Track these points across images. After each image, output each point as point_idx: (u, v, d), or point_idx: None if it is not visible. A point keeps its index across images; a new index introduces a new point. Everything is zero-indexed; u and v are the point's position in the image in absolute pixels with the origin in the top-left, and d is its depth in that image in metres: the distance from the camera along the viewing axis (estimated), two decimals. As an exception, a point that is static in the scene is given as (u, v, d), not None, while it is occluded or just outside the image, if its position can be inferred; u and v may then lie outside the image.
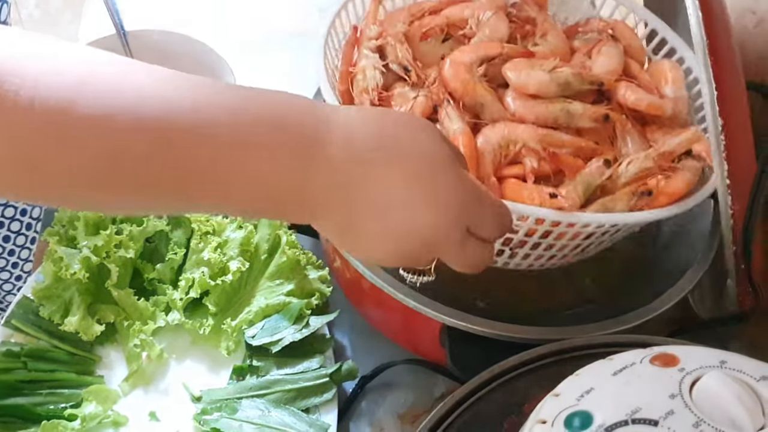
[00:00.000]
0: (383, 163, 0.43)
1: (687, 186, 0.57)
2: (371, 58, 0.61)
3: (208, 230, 0.69)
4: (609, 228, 0.56)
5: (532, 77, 0.59)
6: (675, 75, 0.64)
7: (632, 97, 0.61)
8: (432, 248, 0.45)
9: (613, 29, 0.67)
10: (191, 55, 0.87)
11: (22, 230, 0.91)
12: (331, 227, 0.44)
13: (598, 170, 0.56)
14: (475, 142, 0.57)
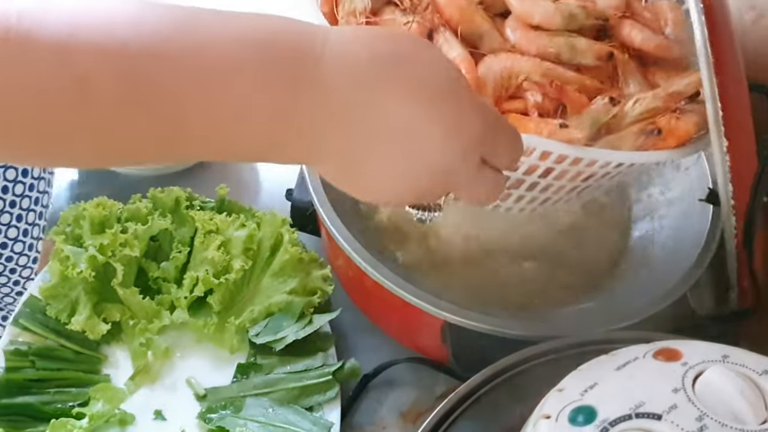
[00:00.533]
0: (389, 88, 0.38)
1: (696, 128, 0.54)
2: None
3: (212, 229, 0.69)
4: (611, 170, 0.53)
5: (538, 5, 0.56)
6: (675, 16, 0.61)
7: (639, 37, 0.58)
8: (447, 182, 0.41)
9: None
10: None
11: (20, 236, 0.92)
12: (332, 165, 0.40)
13: (605, 107, 0.53)
14: (473, 68, 0.54)
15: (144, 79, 0.34)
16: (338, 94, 0.37)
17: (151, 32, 0.34)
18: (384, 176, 0.40)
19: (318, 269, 0.70)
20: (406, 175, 0.40)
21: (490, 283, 0.68)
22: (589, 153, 0.51)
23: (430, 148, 0.39)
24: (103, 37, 0.34)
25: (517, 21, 0.57)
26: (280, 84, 0.36)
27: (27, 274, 0.92)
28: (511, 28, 0.57)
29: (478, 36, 0.56)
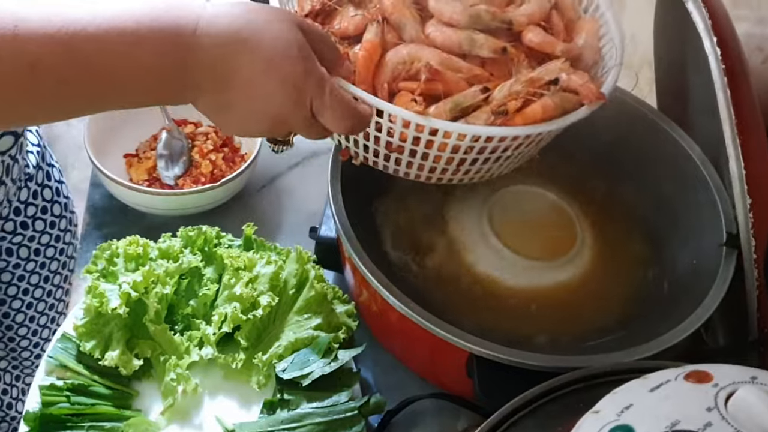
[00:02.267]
0: (245, 51, 0.52)
1: (544, 111, 0.63)
2: None
3: (240, 266, 0.71)
4: (473, 143, 0.62)
5: (448, 5, 0.67)
6: (590, 27, 0.71)
7: (529, 36, 0.68)
8: (285, 124, 0.55)
9: None
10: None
11: (59, 269, 0.94)
12: (207, 107, 0.54)
13: (472, 94, 0.63)
14: (376, 51, 0.65)
15: (81, 58, 0.48)
16: (208, 54, 0.51)
17: (76, 18, 0.47)
18: (239, 116, 0.54)
19: (342, 305, 0.71)
20: (254, 116, 0.54)
21: (509, 320, 0.70)
22: (427, 121, 0.60)
23: (268, 97, 0.53)
24: (46, 26, 0.46)
25: (435, 18, 0.67)
26: (169, 51, 0.50)
27: (62, 308, 0.94)
28: (430, 23, 0.67)
29: (403, 25, 0.67)
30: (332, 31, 0.70)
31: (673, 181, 0.77)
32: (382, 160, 0.68)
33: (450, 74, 0.65)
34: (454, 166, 0.67)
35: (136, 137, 0.90)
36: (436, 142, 0.63)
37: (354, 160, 0.70)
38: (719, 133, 0.72)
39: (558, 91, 0.64)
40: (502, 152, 0.65)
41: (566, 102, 0.65)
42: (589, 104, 0.64)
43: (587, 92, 0.64)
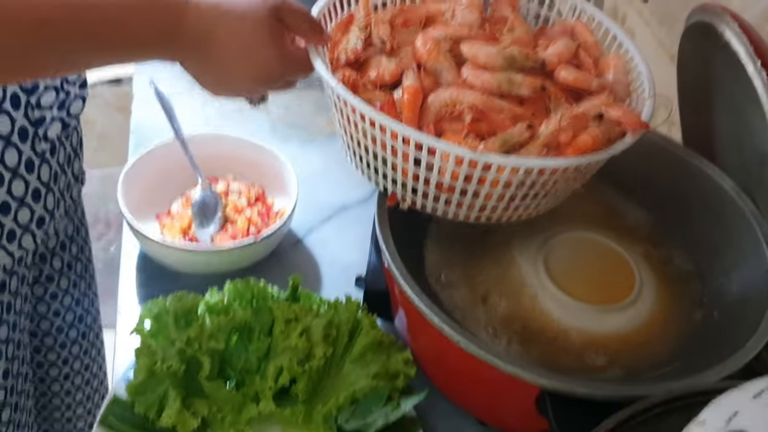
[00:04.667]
0: (224, 30, 0.63)
1: (593, 141, 0.64)
2: (357, 32, 0.73)
3: (291, 317, 0.71)
4: (525, 176, 0.63)
5: (482, 49, 0.70)
6: (617, 63, 0.74)
7: (563, 73, 0.70)
8: (258, 92, 0.77)
9: (572, 29, 0.77)
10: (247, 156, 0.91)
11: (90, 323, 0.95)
12: (190, 69, 0.66)
13: (519, 130, 0.64)
14: (419, 94, 0.67)
15: (84, 22, 0.57)
16: (193, 26, 0.62)
17: None
18: (217, 82, 0.68)
19: (398, 352, 0.71)
20: (230, 85, 0.68)
21: (566, 359, 0.70)
22: (483, 156, 0.62)
23: (243, 74, 0.66)
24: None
25: (470, 63, 0.69)
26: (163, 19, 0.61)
27: None
28: (465, 68, 0.69)
29: (439, 71, 0.70)
30: (368, 80, 0.72)
31: (708, 214, 0.78)
32: (431, 202, 0.69)
33: (494, 114, 0.66)
34: (504, 203, 0.67)
35: (168, 198, 0.90)
36: (489, 178, 0.64)
37: (401, 205, 0.70)
38: (748, 163, 0.75)
39: (602, 124, 0.66)
40: (552, 185, 0.66)
41: (611, 132, 0.66)
42: (633, 133, 0.66)
43: (630, 122, 0.66)
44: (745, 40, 0.60)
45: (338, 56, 0.73)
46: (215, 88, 0.68)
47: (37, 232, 0.78)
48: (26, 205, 0.76)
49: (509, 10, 0.77)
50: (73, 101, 0.82)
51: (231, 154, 0.91)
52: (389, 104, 0.67)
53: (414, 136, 0.63)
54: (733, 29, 0.61)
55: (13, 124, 0.73)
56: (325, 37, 0.71)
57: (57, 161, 0.81)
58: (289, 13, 0.67)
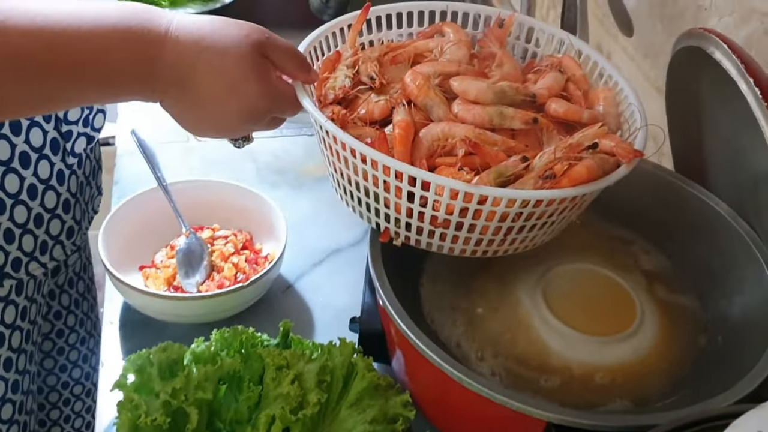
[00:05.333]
0: (206, 64, 0.60)
1: (588, 172, 0.63)
2: (345, 69, 0.72)
3: (282, 363, 0.67)
4: (521, 209, 0.62)
5: (472, 84, 0.69)
6: (606, 95, 0.74)
7: (553, 106, 0.70)
8: (243, 131, 0.68)
9: (560, 63, 0.77)
10: (235, 200, 0.89)
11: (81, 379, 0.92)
12: (170, 107, 0.63)
13: (513, 163, 0.63)
14: (411, 129, 0.66)
15: (60, 53, 0.55)
16: (173, 59, 0.59)
17: (57, 20, 0.55)
18: (198, 121, 0.64)
19: (396, 395, 0.67)
20: (211, 123, 0.65)
21: (569, 393, 0.67)
22: (478, 189, 0.60)
23: (226, 112, 0.63)
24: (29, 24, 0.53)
25: (461, 98, 0.69)
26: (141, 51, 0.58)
27: None
28: (456, 103, 0.69)
29: (430, 107, 0.69)
30: (358, 116, 0.71)
31: (705, 239, 0.76)
32: (426, 238, 0.67)
33: (487, 146, 0.65)
34: (500, 236, 0.66)
35: (152, 248, 0.87)
36: (484, 211, 0.62)
37: (395, 241, 0.68)
38: (742, 185, 0.74)
39: (596, 154, 0.65)
40: (548, 217, 0.65)
41: (605, 163, 0.65)
42: (627, 163, 0.65)
43: (624, 151, 0.65)
44: (735, 59, 0.59)
45: (326, 93, 0.72)
46: (197, 127, 0.66)
47: (66, 242, 0.82)
48: (57, 216, 0.79)
49: (497, 46, 0.77)
50: (96, 115, 0.85)
51: (216, 200, 0.89)
52: (380, 139, 0.65)
53: (407, 170, 0.61)
54: (723, 50, 0.61)
55: (45, 137, 0.75)
56: (313, 75, 0.70)
57: (84, 173, 0.85)
58: (274, 49, 0.65)
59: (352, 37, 0.77)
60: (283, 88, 0.67)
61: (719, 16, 0.81)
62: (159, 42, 0.59)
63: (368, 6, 0.78)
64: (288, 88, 0.68)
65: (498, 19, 0.80)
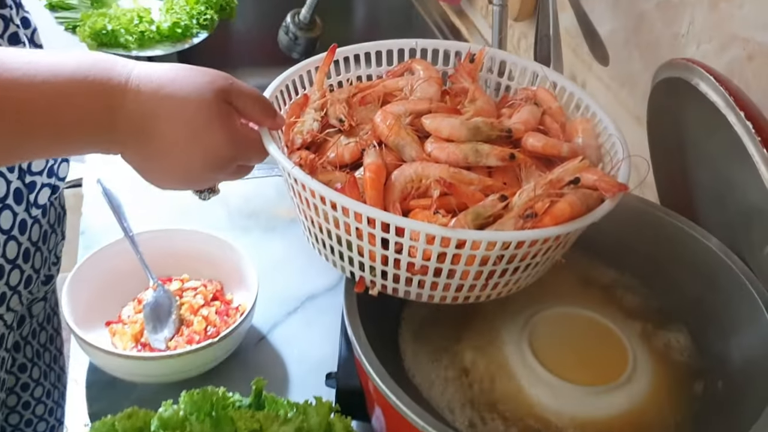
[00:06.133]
0: (168, 113, 0.58)
1: (571, 208, 0.60)
2: (312, 113, 0.70)
3: (254, 427, 0.63)
4: (503, 251, 0.59)
5: (445, 122, 0.67)
6: (585, 126, 0.71)
7: (530, 140, 0.67)
8: (209, 182, 0.65)
9: (535, 95, 0.74)
10: (203, 249, 0.85)
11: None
12: (132, 159, 0.60)
13: (491, 203, 0.60)
14: (382, 172, 0.63)
15: (15, 104, 0.53)
16: (134, 109, 0.57)
17: (12, 68, 0.53)
18: (162, 173, 0.61)
19: (378, 455, 0.63)
20: (176, 175, 0.61)
21: None
22: (454, 233, 0.57)
23: (190, 162, 0.60)
24: None
25: (434, 136, 0.66)
26: (100, 102, 0.56)
27: None
28: (429, 142, 0.66)
29: (402, 146, 0.66)
30: (327, 160, 0.68)
31: (697, 277, 0.73)
32: (403, 285, 0.63)
33: (463, 186, 0.62)
34: (482, 280, 0.62)
35: (119, 303, 0.83)
36: (464, 255, 0.59)
37: (371, 291, 0.65)
38: (733, 220, 0.71)
39: (578, 189, 0.62)
40: (531, 258, 0.61)
41: (588, 199, 0.62)
42: (611, 197, 0.62)
43: (607, 186, 0.62)
44: (722, 90, 0.57)
45: (293, 138, 0.69)
46: (160, 179, 0.63)
47: (23, 292, 0.79)
48: (17, 266, 0.77)
49: (469, 81, 0.75)
50: (61, 165, 0.82)
51: (185, 249, 0.85)
52: (351, 184, 0.62)
53: (380, 216, 0.58)
54: (708, 82, 0.58)
55: (8, 187, 0.73)
56: (279, 120, 0.67)
57: (48, 221, 0.83)
58: (239, 95, 0.62)
59: (319, 79, 0.75)
60: (248, 135, 0.64)
61: (697, 43, 0.79)
62: (119, 91, 0.57)
63: (334, 47, 0.76)
64: (254, 134, 0.65)
65: (469, 53, 0.77)
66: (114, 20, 1.21)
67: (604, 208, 0.61)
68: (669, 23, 0.83)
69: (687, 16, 0.80)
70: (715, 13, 0.76)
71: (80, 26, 1.22)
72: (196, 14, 1.28)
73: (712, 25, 0.76)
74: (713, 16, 0.76)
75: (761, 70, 0.71)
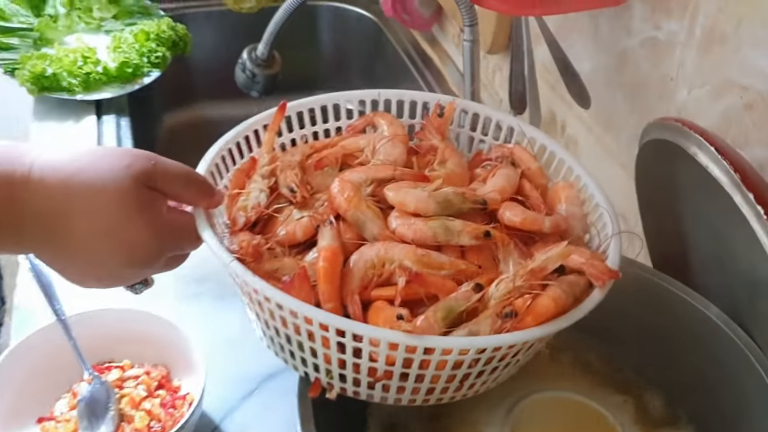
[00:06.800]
0: (79, 208, 0.51)
1: (556, 305, 0.52)
2: (260, 182, 0.62)
3: None
4: (478, 355, 0.51)
5: (410, 194, 0.59)
6: (568, 193, 0.63)
7: (507, 214, 0.59)
8: (135, 278, 0.57)
9: (512, 154, 0.67)
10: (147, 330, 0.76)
11: None
12: (47, 259, 0.54)
13: (464, 295, 0.53)
14: (338, 258, 0.55)
15: None
16: (40, 205, 0.50)
17: None
18: (81, 272, 0.54)
19: None
20: (97, 273, 0.54)
21: None
22: (421, 340, 0.49)
23: (113, 261, 0.53)
24: None
25: (399, 210, 0.59)
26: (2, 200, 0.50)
27: None
28: (393, 217, 0.58)
29: (362, 222, 0.58)
30: (277, 240, 0.59)
31: (696, 349, 0.65)
32: (365, 389, 0.55)
33: (432, 276, 0.54)
34: (456, 383, 0.54)
35: (52, 396, 0.73)
36: (434, 360, 0.51)
37: (328, 394, 0.56)
38: (735, 288, 0.63)
39: (564, 277, 0.54)
40: (512, 357, 0.53)
41: (575, 288, 0.54)
42: (601, 287, 0.54)
43: (596, 272, 0.54)
44: (725, 165, 0.49)
45: (236, 217, 0.60)
46: (81, 280, 0.55)
47: None
48: None
49: (438, 138, 0.67)
50: None
51: (125, 331, 0.76)
52: (301, 278, 0.53)
53: (332, 321, 0.50)
54: (709, 153, 0.50)
55: None
56: (217, 198, 0.58)
57: None
58: (164, 177, 0.54)
59: (268, 140, 0.66)
60: (178, 222, 0.56)
61: (689, 88, 0.71)
62: (21, 184, 0.50)
63: (284, 105, 0.67)
64: (186, 219, 0.56)
65: (437, 106, 0.69)
66: (55, 62, 1.12)
67: (594, 300, 0.53)
68: (656, 64, 0.75)
69: (676, 58, 0.72)
70: (708, 56, 0.68)
71: (19, 69, 1.13)
72: (147, 52, 1.19)
73: (705, 68, 0.69)
74: (706, 59, 0.68)
75: (762, 120, 0.63)
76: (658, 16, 0.74)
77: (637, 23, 0.77)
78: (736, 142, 0.66)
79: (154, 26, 1.22)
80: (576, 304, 0.53)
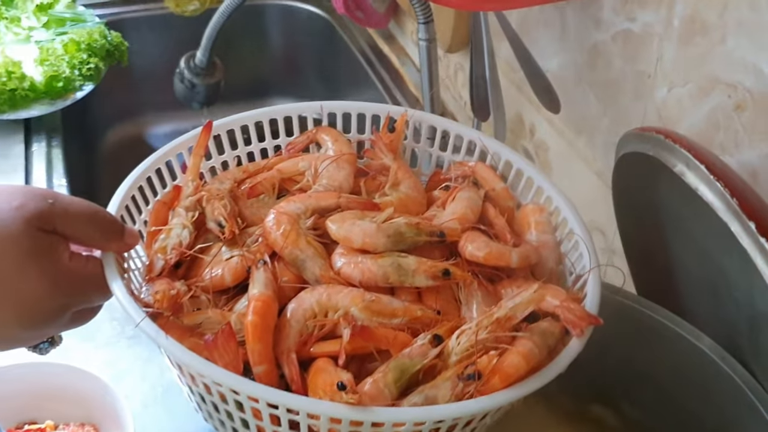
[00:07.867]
0: None
1: (527, 361, 0.45)
2: (183, 215, 0.54)
3: None
4: (437, 424, 0.43)
5: (357, 228, 0.50)
6: (538, 218, 0.56)
7: (470, 248, 0.51)
8: (38, 338, 0.51)
9: (474, 172, 0.59)
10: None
11: None
12: None
13: (420, 350, 0.45)
14: (271, 309, 0.47)
15: None
16: None
17: None
18: None
19: None
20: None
21: None
22: (366, 415, 0.41)
23: (6, 324, 0.46)
24: None
25: (344, 246, 0.51)
26: None
27: None
28: (337, 254, 0.51)
29: (302, 262, 0.51)
30: (202, 285, 0.50)
31: (689, 386, 0.58)
32: (311, 463, 0.46)
33: (381, 328, 0.46)
34: None
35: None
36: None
37: None
38: (732, 318, 0.56)
39: (535, 327, 0.46)
40: (479, 421, 0.45)
41: (548, 337, 0.47)
42: (579, 335, 0.46)
43: (573, 318, 0.46)
44: (719, 187, 0.41)
45: (153, 261, 0.51)
46: None
47: None
48: None
49: (390, 157, 0.59)
50: None
51: (45, 388, 0.66)
52: (225, 336, 0.45)
53: (262, 394, 0.41)
54: (699, 172, 0.42)
55: None
56: (128, 239, 0.50)
57: None
58: (63, 218, 0.46)
59: (193, 165, 0.58)
60: (83, 270, 0.48)
61: (669, 86, 0.64)
62: None
63: (209, 124, 0.59)
64: (92, 267, 0.48)
65: (387, 119, 0.61)
66: (-25, 80, 1.01)
67: (571, 353, 0.46)
68: (630, 59, 0.68)
69: (653, 52, 0.64)
70: (689, 48, 0.60)
71: (-66, 89, 1.02)
72: (78, 64, 1.08)
73: (687, 63, 0.61)
74: (687, 52, 0.61)
75: (754, 123, 0.56)
76: (631, 6, 0.66)
77: (607, 14, 0.70)
78: (724, 147, 0.59)
79: (85, 35, 1.12)
80: (550, 357, 0.45)
